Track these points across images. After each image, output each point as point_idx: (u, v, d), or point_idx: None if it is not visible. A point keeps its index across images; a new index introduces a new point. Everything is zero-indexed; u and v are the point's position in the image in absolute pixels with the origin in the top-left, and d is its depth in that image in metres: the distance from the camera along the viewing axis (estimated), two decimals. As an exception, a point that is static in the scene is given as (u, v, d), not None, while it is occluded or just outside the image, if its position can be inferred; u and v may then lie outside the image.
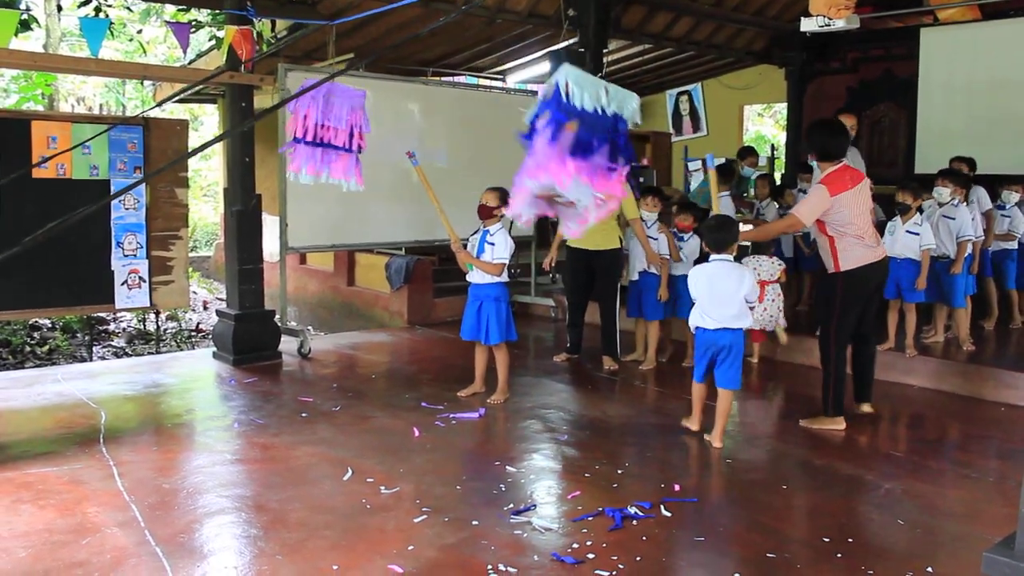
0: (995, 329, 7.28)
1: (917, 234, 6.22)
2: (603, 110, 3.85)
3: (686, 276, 6.52)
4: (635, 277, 6.63)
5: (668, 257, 6.52)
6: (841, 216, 4.91)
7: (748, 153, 9.04)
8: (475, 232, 5.68)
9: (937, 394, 5.74)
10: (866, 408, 5.42)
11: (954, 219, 6.50)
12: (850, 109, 11.34)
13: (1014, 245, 7.25)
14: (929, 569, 3.38)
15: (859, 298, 5.07)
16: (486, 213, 5.51)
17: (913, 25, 10.39)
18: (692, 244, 6.59)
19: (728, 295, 4.81)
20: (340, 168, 6.36)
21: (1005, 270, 7.29)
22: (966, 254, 6.45)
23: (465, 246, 5.65)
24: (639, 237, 6.52)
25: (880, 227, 6.76)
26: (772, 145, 15.22)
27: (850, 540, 3.65)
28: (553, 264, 6.75)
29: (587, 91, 3.82)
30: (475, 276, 5.60)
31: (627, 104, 3.95)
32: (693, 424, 5.10)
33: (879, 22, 10.03)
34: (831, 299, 5.09)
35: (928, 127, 10.12)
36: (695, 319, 4.96)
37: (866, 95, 11.51)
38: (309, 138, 6.26)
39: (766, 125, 20.64)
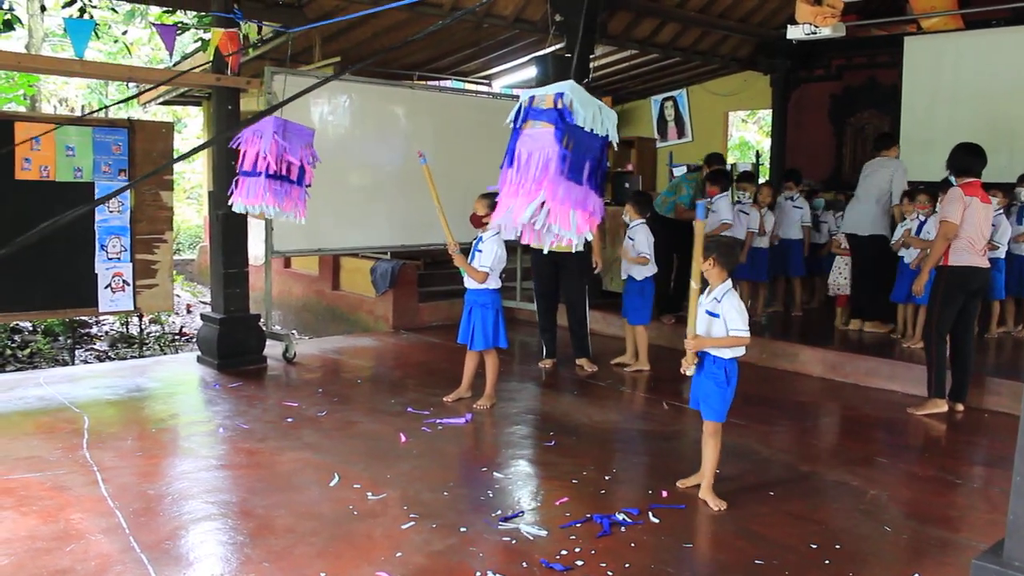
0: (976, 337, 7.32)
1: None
2: (594, 132, 3.89)
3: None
4: (624, 277, 6.72)
5: (648, 255, 6.58)
6: (964, 218, 5.49)
7: None
8: (477, 238, 5.71)
9: (922, 400, 5.78)
10: (960, 408, 5.80)
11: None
12: (833, 116, 11.53)
13: (1000, 255, 7.17)
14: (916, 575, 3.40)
15: (959, 293, 5.61)
16: (476, 221, 5.54)
17: (897, 33, 10.47)
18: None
19: None
20: (291, 201, 6.07)
21: (992, 280, 7.25)
22: None
23: (465, 252, 5.66)
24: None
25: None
26: (757, 152, 15.27)
27: (837, 546, 3.66)
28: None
29: (588, 110, 3.84)
30: (468, 281, 5.63)
31: (610, 124, 3.99)
32: None
33: (863, 30, 10.10)
34: (936, 291, 5.71)
35: (911, 134, 10.18)
36: None
37: (850, 102, 11.60)
38: (271, 171, 5.99)
39: (750, 131, 20.72)
